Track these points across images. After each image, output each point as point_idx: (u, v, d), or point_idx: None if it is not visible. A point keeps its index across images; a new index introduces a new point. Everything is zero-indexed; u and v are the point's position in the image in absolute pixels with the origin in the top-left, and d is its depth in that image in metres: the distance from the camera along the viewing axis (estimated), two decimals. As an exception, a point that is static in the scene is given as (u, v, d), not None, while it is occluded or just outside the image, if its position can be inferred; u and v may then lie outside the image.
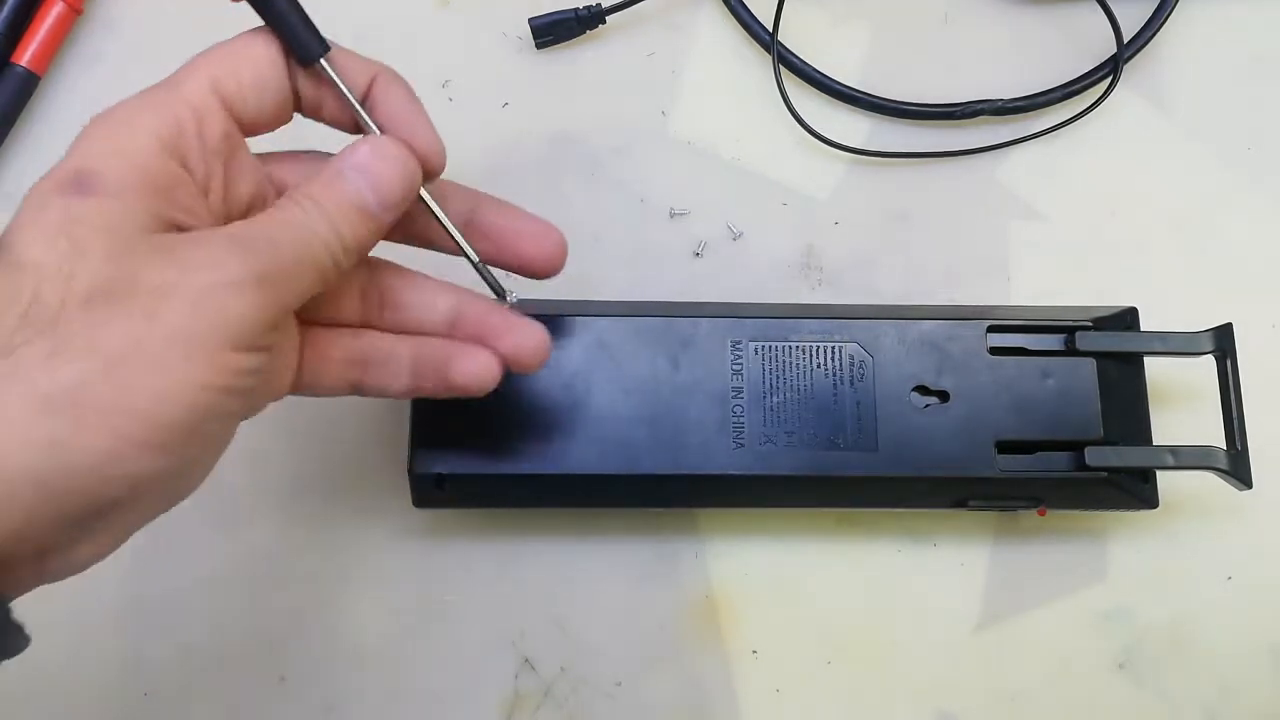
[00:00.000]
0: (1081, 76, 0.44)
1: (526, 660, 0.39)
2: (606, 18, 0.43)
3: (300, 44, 0.29)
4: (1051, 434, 0.37)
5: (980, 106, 0.43)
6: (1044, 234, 0.43)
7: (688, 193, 0.43)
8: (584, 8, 0.43)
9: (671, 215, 0.43)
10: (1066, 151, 0.44)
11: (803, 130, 0.43)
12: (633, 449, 0.36)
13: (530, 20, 0.43)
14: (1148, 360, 0.39)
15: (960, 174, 0.44)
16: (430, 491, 0.37)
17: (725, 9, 0.44)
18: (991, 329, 0.38)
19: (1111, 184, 0.44)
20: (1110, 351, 0.38)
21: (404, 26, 0.43)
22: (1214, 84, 0.45)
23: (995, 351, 0.38)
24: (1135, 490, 0.37)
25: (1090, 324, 0.38)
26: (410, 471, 0.36)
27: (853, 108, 0.44)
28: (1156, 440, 0.38)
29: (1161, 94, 0.45)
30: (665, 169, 0.43)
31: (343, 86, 0.29)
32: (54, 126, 0.43)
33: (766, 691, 0.39)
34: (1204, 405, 0.39)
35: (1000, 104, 0.43)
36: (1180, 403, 0.41)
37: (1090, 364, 0.38)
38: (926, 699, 0.39)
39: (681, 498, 0.38)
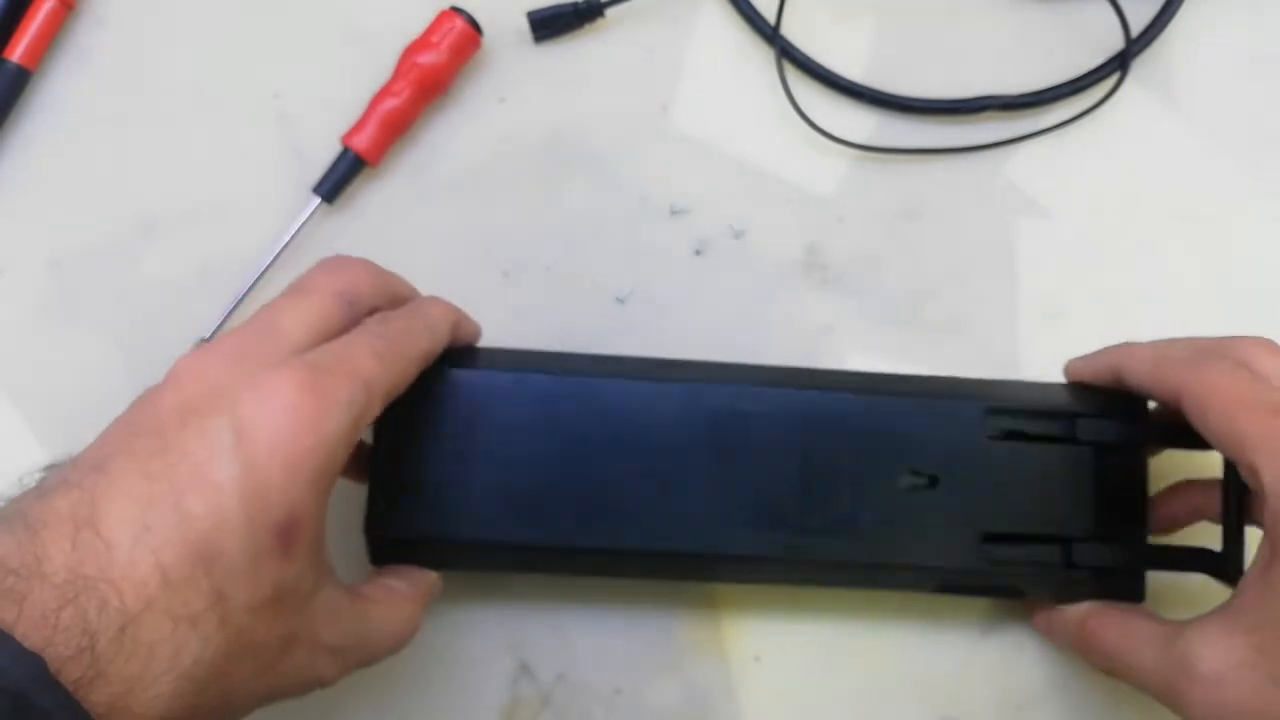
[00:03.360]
0: (1089, 72, 0.43)
1: (525, 666, 0.38)
2: (605, 11, 0.43)
3: None
4: (1040, 527, 0.35)
5: (987, 102, 0.43)
6: (1052, 230, 0.43)
7: (689, 190, 0.42)
8: (582, 1, 0.42)
9: (672, 213, 0.42)
10: (1074, 147, 0.43)
11: (806, 125, 0.42)
12: (594, 523, 0.34)
13: (528, 14, 0.43)
14: None
15: (967, 170, 0.43)
16: (390, 554, 0.35)
17: (726, 1, 0.44)
18: (990, 411, 0.36)
19: (1120, 180, 0.43)
20: (1113, 442, 0.36)
21: (400, 22, 0.42)
22: (1224, 79, 0.44)
23: (991, 435, 0.36)
24: (1121, 587, 0.36)
25: (1096, 411, 0.36)
26: (367, 532, 0.35)
27: (857, 103, 0.43)
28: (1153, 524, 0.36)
29: (1170, 89, 0.44)
30: (666, 165, 0.43)
31: None
32: (45, 122, 0.42)
33: (769, 699, 0.39)
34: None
35: (1007, 99, 0.43)
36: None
37: (1089, 454, 0.36)
38: (932, 706, 0.39)
39: (644, 573, 0.37)
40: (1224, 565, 0.35)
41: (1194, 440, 0.33)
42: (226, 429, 0.27)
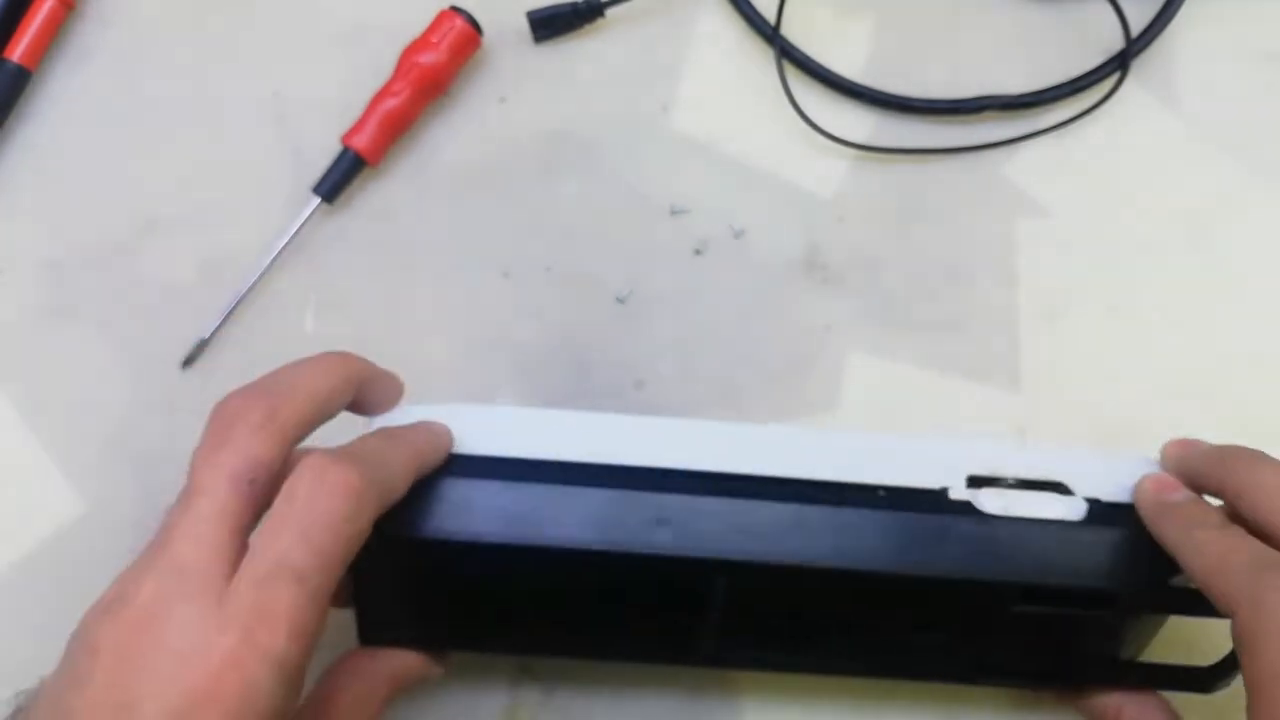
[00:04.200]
0: (1089, 72, 0.43)
1: (525, 666, 0.38)
2: (605, 10, 0.43)
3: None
4: (1051, 668, 0.36)
5: (987, 102, 0.43)
6: (1052, 231, 0.43)
7: (689, 190, 0.42)
8: (582, 1, 0.42)
9: (672, 213, 0.42)
10: (1074, 147, 0.43)
11: (806, 125, 0.42)
12: (590, 643, 0.35)
13: (528, 14, 0.43)
14: None
15: (966, 170, 0.43)
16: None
17: (727, 1, 0.44)
18: (1025, 595, 0.33)
19: (1120, 180, 0.43)
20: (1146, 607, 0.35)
21: (400, 22, 0.42)
22: (1224, 79, 0.44)
23: (1020, 612, 0.33)
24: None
25: (1143, 580, 0.33)
26: (361, 639, 0.34)
27: (857, 103, 0.43)
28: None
29: (1171, 89, 0.44)
30: (666, 165, 0.43)
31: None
32: (46, 123, 0.42)
33: (771, 700, 0.38)
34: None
35: (1007, 99, 0.43)
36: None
37: (1121, 614, 0.34)
38: (933, 707, 0.39)
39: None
40: (1209, 681, 0.34)
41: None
42: None
